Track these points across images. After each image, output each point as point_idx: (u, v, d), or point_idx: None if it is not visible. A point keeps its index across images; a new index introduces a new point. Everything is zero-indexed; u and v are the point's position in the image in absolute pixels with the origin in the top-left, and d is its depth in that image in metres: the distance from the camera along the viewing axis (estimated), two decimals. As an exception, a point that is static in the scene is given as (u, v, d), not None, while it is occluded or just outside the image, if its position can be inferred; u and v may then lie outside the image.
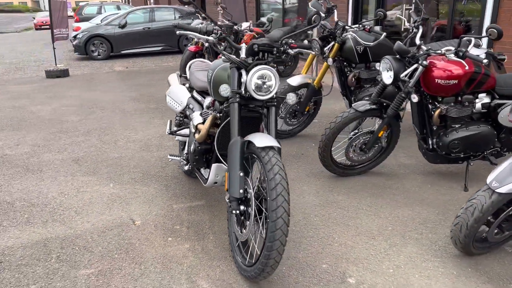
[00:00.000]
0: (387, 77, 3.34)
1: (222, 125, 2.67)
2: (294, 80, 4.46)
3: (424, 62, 3.17)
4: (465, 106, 3.31)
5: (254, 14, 12.84)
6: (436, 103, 3.34)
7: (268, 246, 2.15)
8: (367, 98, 3.53)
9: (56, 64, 10.44)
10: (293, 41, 2.74)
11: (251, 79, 2.43)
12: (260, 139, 2.33)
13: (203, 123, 2.91)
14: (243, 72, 2.51)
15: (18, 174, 4.09)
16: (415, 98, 3.21)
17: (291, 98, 2.58)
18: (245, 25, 8.37)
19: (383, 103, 3.46)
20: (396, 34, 7.08)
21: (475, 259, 2.57)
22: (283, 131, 4.82)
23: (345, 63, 4.50)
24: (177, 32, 2.62)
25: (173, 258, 2.67)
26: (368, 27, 4.29)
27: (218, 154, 2.64)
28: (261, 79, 2.45)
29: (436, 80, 3.19)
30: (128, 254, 2.72)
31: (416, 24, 3.46)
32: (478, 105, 3.34)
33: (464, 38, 3.12)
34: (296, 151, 4.48)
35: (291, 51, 2.74)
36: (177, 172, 4.03)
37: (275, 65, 2.59)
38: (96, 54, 12.78)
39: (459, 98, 3.30)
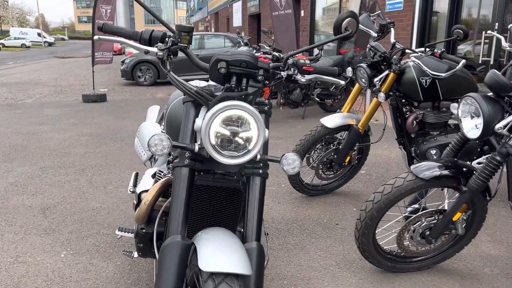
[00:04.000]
0: (471, 128, 2.06)
1: (170, 198, 1.54)
2: (330, 121, 3.26)
3: (539, 106, 1.88)
4: None
5: (307, 43, 11.83)
6: (556, 173, 2.00)
7: None
8: (437, 158, 2.24)
9: (93, 89, 9.95)
10: (308, 63, 1.58)
11: (208, 125, 1.29)
12: (214, 250, 1.17)
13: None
14: (202, 113, 1.38)
15: (-35, 224, 3.18)
16: (521, 165, 1.90)
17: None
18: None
19: (463, 167, 2.16)
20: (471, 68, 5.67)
21: None
22: (315, 186, 3.59)
23: (403, 101, 3.24)
24: (96, 37, 1.55)
25: None
26: (439, 51, 3.02)
27: (155, 245, 1.49)
28: (230, 125, 1.31)
29: (560, 136, 1.87)
30: None
31: (522, 43, 2.16)
32: None
33: None
34: (329, 218, 3.22)
35: (301, 79, 1.58)
36: (157, 240, 2.92)
37: (266, 101, 1.44)
38: (142, 80, 12.40)
39: None
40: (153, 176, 1.86)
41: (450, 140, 3.10)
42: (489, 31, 2.58)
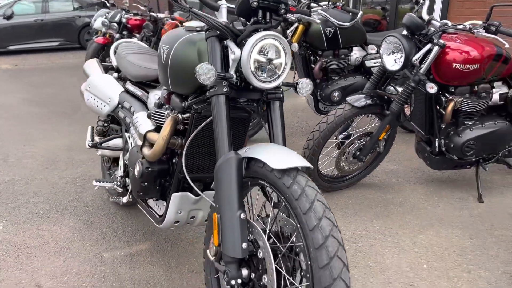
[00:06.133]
0: (392, 62, 2.57)
1: (194, 132, 1.66)
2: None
3: (441, 41, 2.45)
4: (482, 97, 2.66)
5: (166, 5, 11.62)
6: (447, 94, 2.65)
7: None
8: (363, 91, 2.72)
9: None
10: (290, 2, 1.81)
11: (250, 54, 1.46)
12: (273, 155, 1.37)
13: (155, 130, 1.86)
14: (231, 45, 1.52)
15: None
16: (433, 88, 2.47)
17: None
18: (162, 14, 7.23)
19: (384, 96, 2.68)
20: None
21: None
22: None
23: (308, 51, 3.67)
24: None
25: None
26: (340, 4, 3.51)
27: (189, 179, 1.62)
28: (262, 54, 1.50)
29: (454, 64, 2.49)
30: None
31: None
32: (495, 96, 2.72)
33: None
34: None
35: (291, 16, 1.82)
36: (100, 199, 2.87)
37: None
38: (-29, 51, 10.68)
39: (475, 88, 2.64)
40: (148, 117, 1.91)
41: (349, 82, 3.67)
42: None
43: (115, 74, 2.44)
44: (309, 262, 1.24)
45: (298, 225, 1.27)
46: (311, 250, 1.22)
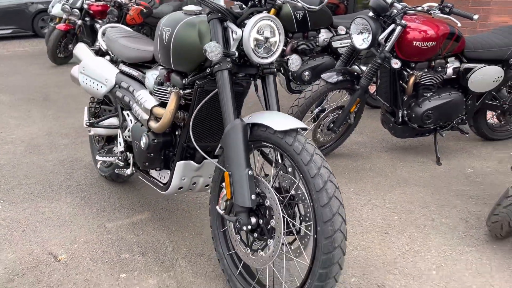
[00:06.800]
0: (360, 41, 2.85)
1: (199, 105, 1.86)
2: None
3: (403, 22, 2.75)
4: (438, 71, 3.00)
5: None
6: (408, 69, 2.97)
7: (322, 274, 1.47)
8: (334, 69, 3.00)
9: None
10: (276, -12, 2.04)
11: (250, 33, 1.68)
12: (274, 119, 1.61)
13: (160, 105, 2.04)
14: (231, 26, 1.73)
15: None
16: (397, 63, 2.78)
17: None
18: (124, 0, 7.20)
19: (354, 72, 2.96)
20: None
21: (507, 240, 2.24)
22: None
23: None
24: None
25: (142, 306, 1.81)
26: (308, -12, 3.75)
27: (198, 147, 1.83)
28: (260, 34, 1.72)
29: (414, 42, 2.80)
30: (67, 313, 1.77)
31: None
32: (450, 70, 3.07)
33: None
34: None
35: (279, 1, 2.05)
36: (92, 177, 3.01)
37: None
38: None
39: (432, 63, 2.98)
40: (150, 94, 2.09)
41: (318, 62, 3.95)
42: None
43: (107, 57, 2.58)
44: (311, 204, 1.50)
45: (301, 175, 1.52)
46: (313, 193, 1.48)
